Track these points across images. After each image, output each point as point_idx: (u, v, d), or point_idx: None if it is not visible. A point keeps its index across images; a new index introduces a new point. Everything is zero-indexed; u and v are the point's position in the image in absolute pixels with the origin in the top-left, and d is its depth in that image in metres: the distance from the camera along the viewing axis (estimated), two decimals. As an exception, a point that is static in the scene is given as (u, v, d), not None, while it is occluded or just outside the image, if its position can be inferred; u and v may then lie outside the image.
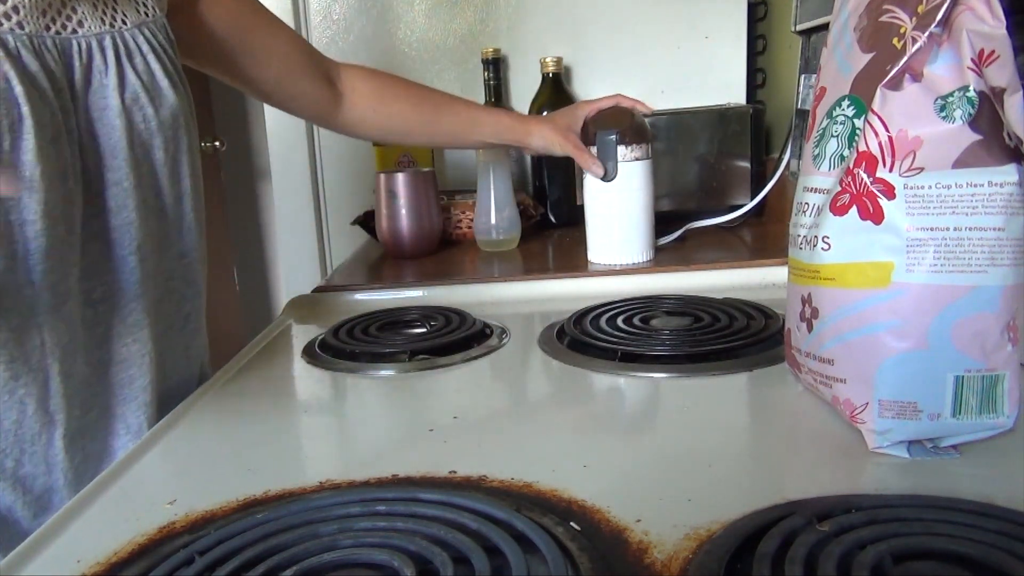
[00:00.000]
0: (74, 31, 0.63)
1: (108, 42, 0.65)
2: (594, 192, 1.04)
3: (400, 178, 1.18)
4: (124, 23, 0.67)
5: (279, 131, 1.50)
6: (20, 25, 0.59)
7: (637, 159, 1.02)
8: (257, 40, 0.87)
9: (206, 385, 0.73)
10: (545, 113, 1.35)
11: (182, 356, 0.75)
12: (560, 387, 0.71)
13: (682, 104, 1.37)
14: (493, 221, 1.19)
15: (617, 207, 1.04)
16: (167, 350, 0.72)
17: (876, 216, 0.49)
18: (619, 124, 1.02)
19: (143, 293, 0.68)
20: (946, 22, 0.46)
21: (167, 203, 0.71)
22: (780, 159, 1.16)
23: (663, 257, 1.07)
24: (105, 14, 0.66)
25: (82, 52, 0.63)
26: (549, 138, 1.03)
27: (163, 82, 0.69)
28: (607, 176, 1.02)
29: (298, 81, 0.92)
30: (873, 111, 0.49)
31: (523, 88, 1.43)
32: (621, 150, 1.01)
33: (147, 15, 0.69)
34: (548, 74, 1.35)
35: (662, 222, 1.12)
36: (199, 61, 0.84)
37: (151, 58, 0.68)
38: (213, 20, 0.81)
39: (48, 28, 0.61)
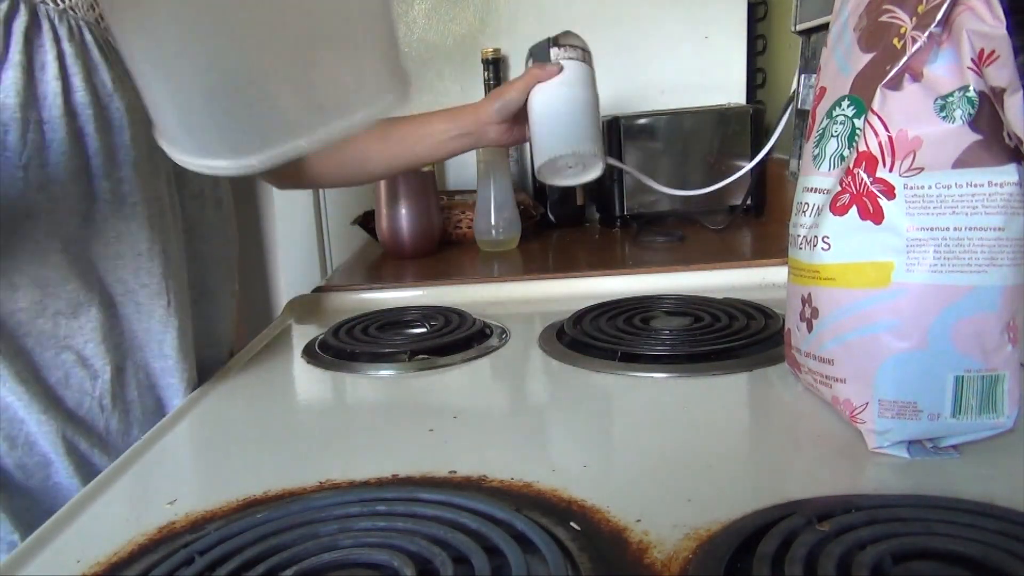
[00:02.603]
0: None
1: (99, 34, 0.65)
2: (534, 97, 0.95)
3: (400, 178, 1.18)
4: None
5: (279, 131, 1.50)
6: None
7: (571, 59, 0.95)
8: None
9: (206, 385, 0.73)
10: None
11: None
12: (560, 387, 0.71)
13: (682, 104, 1.37)
14: (493, 221, 1.19)
15: (556, 100, 0.94)
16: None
17: (876, 216, 0.49)
18: (552, 36, 0.98)
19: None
20: (946, 22, 0.46)
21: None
22: (764, 145, 1.15)
23: (663, 257, 1.07)
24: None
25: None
26: (500, 92, 0.95)
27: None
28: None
29: None
30: (873, 111, 0.49)
31: (523, 88, 1.43)
32: (555, 51, 0.95)
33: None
34: (548, 74, 1.35)
35: (662, 223, 1.11)
36: None
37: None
38: None
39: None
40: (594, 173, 0.94)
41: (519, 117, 0.96)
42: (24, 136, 0.57)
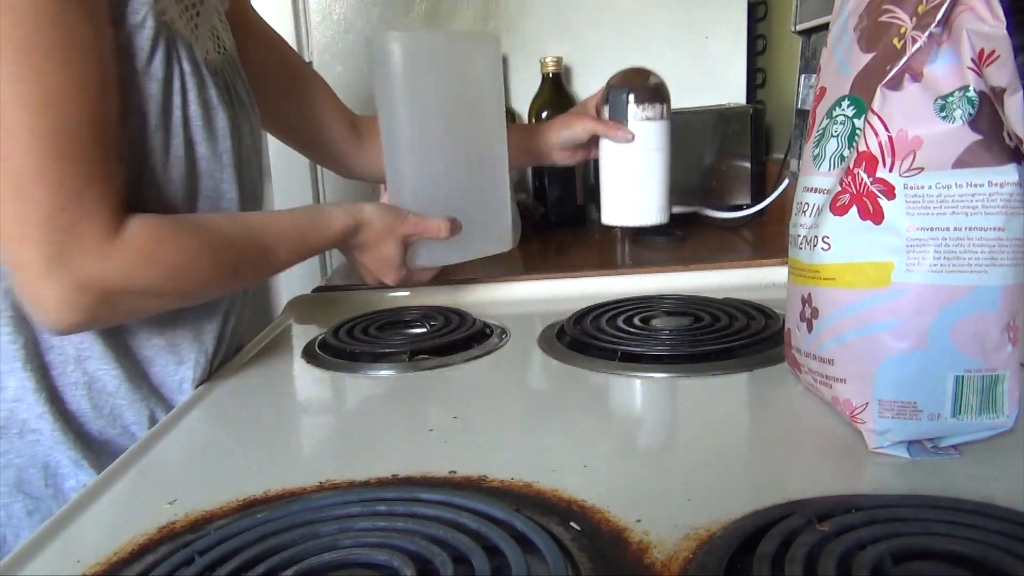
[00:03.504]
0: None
1: (224, 65, 0.74)
2: (607, 152, 1.02)
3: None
4: (224, 50, 0.75)
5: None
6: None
7: (649, 119, 0.99)
8: (292, 81, 0.95)
9: (206, 384, 0.73)
10: (545, 114, 1.36)
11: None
12: (560, 387, 0.71)
13: (682, 104, 1.37)
14: (493, 221, 1.18)
15: (630, 167, 1.00)
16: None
17: (876, 216, 0.49)
18: (633, 82, 1.00)
19: None
20: (946, 22, 0.46)
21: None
22: (786, 162, 1.16)
23: (663, 257, 1.07)
24: (211, 38, 0.73)
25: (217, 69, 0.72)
26: (568, 123, 1.02)
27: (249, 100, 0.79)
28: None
29: (323, 118, 0.97)
30: (873, 111, 0.49)
31: (523, 88, 1.43)
32: (633, 109, 0.98)
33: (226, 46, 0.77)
34: (548, 74, 1.35)
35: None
36: None
37: (240, 85, 0.77)
38: (255, 58, 0.87)
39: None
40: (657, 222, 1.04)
41: (585, 143, 1.04)
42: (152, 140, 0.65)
